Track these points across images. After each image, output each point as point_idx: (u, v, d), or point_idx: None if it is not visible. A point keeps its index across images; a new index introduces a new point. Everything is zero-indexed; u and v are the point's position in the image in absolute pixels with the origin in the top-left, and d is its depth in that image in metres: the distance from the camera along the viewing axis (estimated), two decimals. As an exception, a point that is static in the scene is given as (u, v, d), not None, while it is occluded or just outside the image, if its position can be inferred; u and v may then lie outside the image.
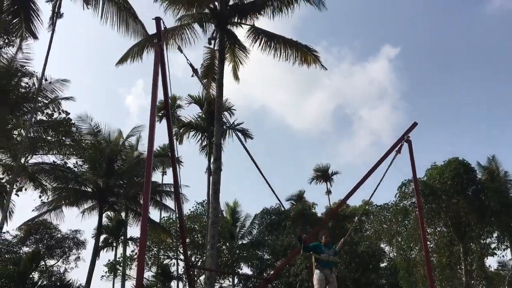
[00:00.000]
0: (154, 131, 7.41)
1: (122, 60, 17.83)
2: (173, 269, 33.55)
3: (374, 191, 10.44)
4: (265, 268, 35.51)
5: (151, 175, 7.31)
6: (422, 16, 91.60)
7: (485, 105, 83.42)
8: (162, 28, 7.97)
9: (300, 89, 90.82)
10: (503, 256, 28.26)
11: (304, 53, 18.54)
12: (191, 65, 9.23)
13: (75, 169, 21.39)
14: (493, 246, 26.82)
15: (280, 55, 18.60)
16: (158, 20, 7.74)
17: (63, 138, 17.26)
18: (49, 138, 18.06)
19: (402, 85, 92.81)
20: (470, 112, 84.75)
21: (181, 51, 9.17)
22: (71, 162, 20.45)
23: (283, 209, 39.02)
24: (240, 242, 37.41)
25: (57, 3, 16.96)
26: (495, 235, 26.62)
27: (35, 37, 17.69)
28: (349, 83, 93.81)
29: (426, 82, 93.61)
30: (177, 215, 10.82)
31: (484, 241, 25.96)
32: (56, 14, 16.69)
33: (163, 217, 32.61)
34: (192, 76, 19.04)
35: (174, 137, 31.32)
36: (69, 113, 17.14)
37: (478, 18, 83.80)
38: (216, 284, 37.28)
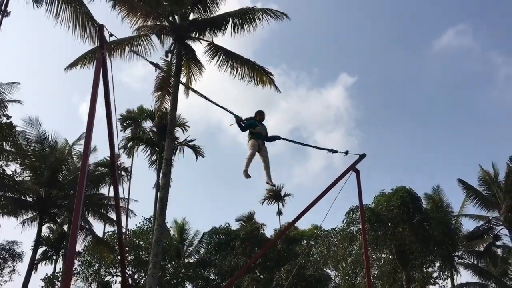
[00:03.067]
0: (90, 143, 7.17)
1: (72, 65, 17.24)
2: (114, 286, 32.26)
3: (324, 218, 10.83)
4: (210, 288, 34.76)
5: (83, 190, 6.90)
6: (379, 48, 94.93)
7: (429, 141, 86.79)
8: (107, 37, 7.77)
9: (259, 108, 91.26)
10: (443, 286, 28.92)
11: (260, 74, 18.68)
12: (151, 62, 9.17)
13: (15, 176, 20.20)
14: (435, 275, 27.43)
15: (236, 73, 18.64)
16: (101, 27, 7.65)
17: (1, 143, 16.27)
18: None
19: (357, 113, 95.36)
20: (417, 145, 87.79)
21: (136, 53, 8.99)
22: (11, 169, 19.29)
23: (231, 229, 38.73)
24: (186, 261, 36.56)
25: (3, 1, 16.14)
26: (437, 264, 27.24)
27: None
28: (306, 107, 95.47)
29: (379, 112, 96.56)
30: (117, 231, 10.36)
31: (427, 269, 26.51)
32: (2, 13, 15.89)
33: (107, 231, 31.44)
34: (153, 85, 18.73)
35: (121, 150, 30.61)
36: (10, 117, 16.24)
37: (427, 53, 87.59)
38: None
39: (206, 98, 9.32)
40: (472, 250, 31.81)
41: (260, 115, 10.33)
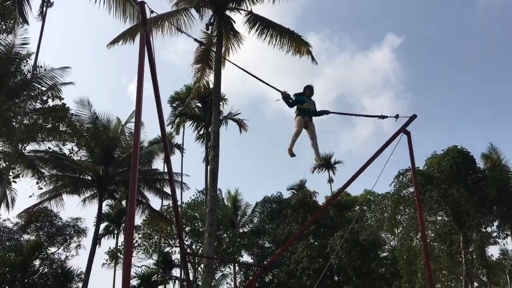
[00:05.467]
0: (140, 118, 7.29)
1: (114, 42, 17.60)
2: (174, 257, 33.66)
3: (376, 182, 10.41)
4: (266, 256, 35.51)
5: (137, 163, 7.05)
6: (425, 4, 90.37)
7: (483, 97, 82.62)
8: (148, 13, 7.84)
9: (301, 78, 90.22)
10: (504, 244, 28.08)
11: (298, 44, 18.35)
12: (194, 39, 9.24)
13: (72, 155, 21.22)
14: (494, 235, 26.67)
15: (275, 43, 18.39)
16: (142, 4, 7.60)
17: (58, 124, 17.11)
18: (44, 124, 17.93)
19: (405, 75, 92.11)
20: (469, 104, 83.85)
21: (179, 29, 9.08)
22: (67, 148, 20.26)
23: (283, 197, 39.11)
24: (241, 231, 37.44)
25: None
26: (495, 224, 26.41)
27: (25, 22, 17.48)
28: (351, 72, 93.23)
29: (429, 72, 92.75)
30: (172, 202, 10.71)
31: (485, 230, 25.77)
32: (46, 3, 16.46)
33: (164, 205, 32.60)
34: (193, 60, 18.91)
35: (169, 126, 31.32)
36: (63, 98, 16.97)
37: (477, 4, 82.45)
38: (218, 272, 37.47)
39: (249, 73, 9.18)
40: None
41: (309, 90, 9.93)
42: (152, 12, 7.97)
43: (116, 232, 33.71)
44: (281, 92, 9.43)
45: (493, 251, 59.36)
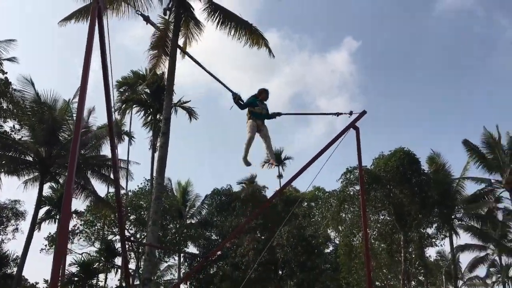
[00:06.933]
0: (84, 101, 6.84)
1: (67, 19, 16.87)
2: (118, 245, 32.82)
3: (316, 175, 10.43)
4: (212, 248, 35.31)
5: (78, 143, 6.67)
6: (382, 11, 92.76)
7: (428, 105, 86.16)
8: None
9: (259, 74, 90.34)
10: (441, 245, 29.29)
11: (256, 36, 18.26)
12: (141, 14, 8.84)
13: (13, 134, 20.13)
14: (433, 236, 27.75)
15: (234, 34, 18.21)
16: None
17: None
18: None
19: (361, 78, 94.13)
20: (420, 110, 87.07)
21: (138, 12, 8.67)
22: (8, 126, 19.20)
23: (233, 191, 39.04)
24: (188, 222, 37.08)
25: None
26: (435, 225, 27.51)
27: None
28: (309, 71, 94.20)
29: (383, 77, 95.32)
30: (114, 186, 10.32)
31: (424, 230, 26.78)
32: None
33: (110, 192, 31.71)
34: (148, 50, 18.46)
35: (114, 111, 30.44)
36: (6, 73, 16.03)
37: (430, 15, 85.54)
38: (163, 262, 36.97)
39: (202, 67, 8.99)
40: (473, 212, 32.03)
41: (264, 93, 9.78)
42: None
43: (57, 217, 32.52)
44: (232, 92, 9.30)
45: (431, 252, 62.05)
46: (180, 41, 19.57)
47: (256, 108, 9.49)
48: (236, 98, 9.30)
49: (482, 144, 31.49)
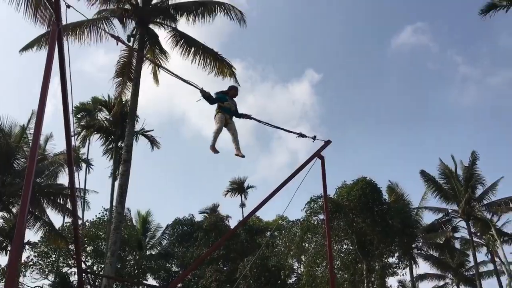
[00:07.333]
0: (41, 127, 6.51)
1: (27, 47, 16.49)
2: (73, 278, 31.42)
3: (287, 206, 10.51)
4: (172, 280, 34.35)
5: (33, 170, 6.34)
6: (343, 45, 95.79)
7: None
8: (63, 7, 7.03)
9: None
10: (403, 275, 29.57)
11: (222, 65, 18.39)
12: (112, 35, 8.75)
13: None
14: (394, 266, 27.98)
15: (199, 62, 18.26)
16: None
17: None
18: None
19: (322, 110, 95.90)
20: (377, 140, 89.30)
21: (106, 32, 8.50)
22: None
23: (195, 220, 38.38)
24: (148, 253, 36.02)
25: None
26: (396, 254, 27.80)
27: None
28: (271, 101, 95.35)
29: (343, 109, 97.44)
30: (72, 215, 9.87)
31: (386, 260, 26.99)
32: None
33: (67, 222, 30.49)
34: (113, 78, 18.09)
35: (74, 138, 29.71)
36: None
37: (386, 50, 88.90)
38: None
39: (173, 74, 8.91)
40: (432, 242, 32.67)
41: (234, 90, 10.10)
42: (68, 7, 7.22)
43: (9, 248, 30.86)
44: (201, 90, 9.28)
45: (392, 282, 62.57)
46: (149, 69, 19.56)
47: (226, 103, 9.68)
48: (205, 94, 9.35)
49: (439, 175, 32.50)
